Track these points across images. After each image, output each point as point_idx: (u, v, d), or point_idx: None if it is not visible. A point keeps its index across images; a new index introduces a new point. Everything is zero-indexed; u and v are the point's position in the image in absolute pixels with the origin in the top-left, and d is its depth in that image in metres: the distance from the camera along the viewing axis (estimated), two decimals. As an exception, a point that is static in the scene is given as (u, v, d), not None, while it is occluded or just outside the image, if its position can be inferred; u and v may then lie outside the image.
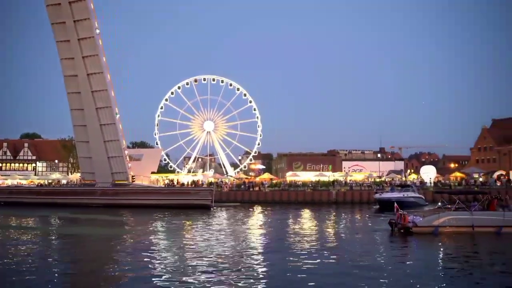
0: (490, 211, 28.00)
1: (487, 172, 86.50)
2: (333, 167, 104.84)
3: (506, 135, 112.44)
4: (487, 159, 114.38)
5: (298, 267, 18.02)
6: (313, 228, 32.76)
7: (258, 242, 25.84)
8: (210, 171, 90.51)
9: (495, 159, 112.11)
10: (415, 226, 27.04)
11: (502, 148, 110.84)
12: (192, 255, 20.90)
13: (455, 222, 27.17)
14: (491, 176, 78.38)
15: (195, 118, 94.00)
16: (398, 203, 47.76)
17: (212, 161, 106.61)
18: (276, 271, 17.34)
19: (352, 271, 17.19)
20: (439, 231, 26.63)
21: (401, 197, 49.82)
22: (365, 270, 17.51)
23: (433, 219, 27.33)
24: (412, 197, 51.88)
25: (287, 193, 63.99)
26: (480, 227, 26.82)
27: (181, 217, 41.54)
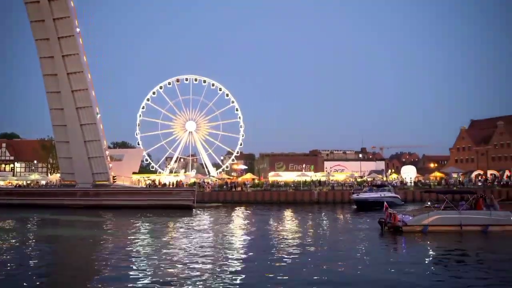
0: (477, 210, 28.55)
1: (465, 172, 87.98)
2: (315, 167, 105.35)
3: (484, 135, 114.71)
4: (466, 159, 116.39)
5: (279, 269, 18.02)
6: (298, 229, 32.78)
7: (240, 243, 25.78)
8: (192, 172, 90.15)
9: (473, 159, 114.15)
10: (405, 225, 27.35)
11: (480, 148, 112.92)
12: (174, 256, 20.78)
13: (444, 221, 27.62)
14: (469, 176, 79.70)
15: (177, 118, 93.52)
16: (375, 203, 48.49)
17: (194, 162, 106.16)
18: (258, 273, 17.31)
19: (349, 272, 17.39)
20: (428, 230, 27.03)
21: (378, 197, 50.32)
22: (360, 270, 17.70)
23: (423, 218, 27.72)
24: (388, 197, 51.93)
25: (269, 193, 64.10)
26: (468, 226, 27.36)
27: (163, 218, 41.24)
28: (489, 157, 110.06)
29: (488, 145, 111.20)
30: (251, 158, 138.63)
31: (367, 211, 45.48)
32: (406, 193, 63.91)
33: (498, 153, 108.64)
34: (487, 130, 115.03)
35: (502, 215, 28.23)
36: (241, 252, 22.19)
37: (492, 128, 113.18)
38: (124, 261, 19.67)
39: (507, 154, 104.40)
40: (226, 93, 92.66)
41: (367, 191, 54.70)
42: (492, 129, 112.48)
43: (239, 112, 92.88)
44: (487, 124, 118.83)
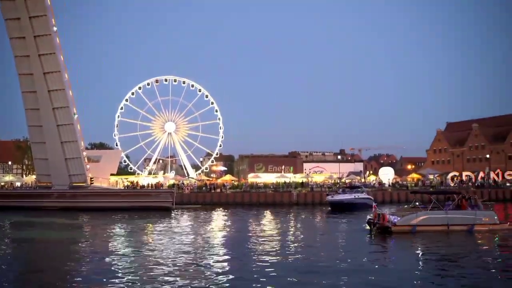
0: (462, 210, 29.17)
1: (442, 173, 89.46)
2: (294, 168, 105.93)
3: (459, 137, 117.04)
4: (442, 160, 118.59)
5: (259, 270, 18.01)
6: (279, 230, 32.79)
7: (219, 245, 25.70)
8: (171, 173, 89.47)
9: (449, 160, 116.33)
10: (394, 226, 27.60)
11: (456, 150, 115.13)
12: (152, 259, 20.57)
13: (431, 221, 28.09)
14: (445, 177, 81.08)
15: (156, 119, 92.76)
16: (350, 204, 48.85)
17: (173, 163, 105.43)
18: (238, 275, 17.25)
19: (343, 272, 17.40)
20: (417, 230, 27.39)
21: (352, 199, 50.65)
22: (353, 271, 17.80)
23: (411, 219, 28.04)
24: (362, 198, 52.39)
25: (249, 194, 64.09)
26: (454, 225, 27.97)
27: (141, 220, 40.84)
28: (464, 159, 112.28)
29: (463, 147, 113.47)
30: (231, 160, 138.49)
31: (342, 213, 45.45)
32: (384, 194, 64.68)
33: (472, 155, 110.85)
34: (462, 132, 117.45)
35: (486, 215, 29.17)
36: (221, 254, 22.11)
37: (467, 130, 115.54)
38: (101, 265, 19.38)
39: (481, 156, 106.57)
40: (205, 94, 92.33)
41: (341, 192, 54.52)
42: (467, 132, 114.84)
43: (219, 113, 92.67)
44: (462, 127, 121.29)
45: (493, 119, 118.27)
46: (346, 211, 46.39)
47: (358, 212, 46.22)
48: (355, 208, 48.58)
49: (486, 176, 77.69)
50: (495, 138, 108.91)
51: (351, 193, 52.90)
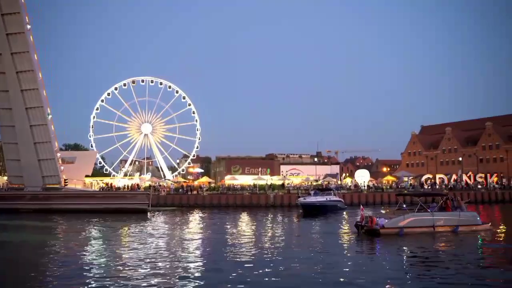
0: (447, 212, 29.79)
1: (416, 175, 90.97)
2: (271, 170, 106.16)
3: (433, 141, 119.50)
4: (416, 163, 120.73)
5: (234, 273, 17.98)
6: (255, 232, 32.76)
7: (196, 247, 25.54)
8: (147, 175, 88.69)
9: (423, 163, 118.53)
10: (382, 228, 27.81)
11: (429, 153, 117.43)
12: (127, 262, 20.30)
13: (418, 223, 28.47)
14: (420, 180, 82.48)
15: (132, 120, 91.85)
16: (322, 207, 48.72)
17: (150, 164, 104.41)
18: (215, 279, 17.20)
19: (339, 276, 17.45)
20: (404, 232, 27.72)
21: (324, 201, 50.23)
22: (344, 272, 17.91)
23: (399, 221, 28.36)
24: (333, 200, 52.14)
25: (226, 196, 63.97)
26: (440, 227, 28.55)
27: (116, 222, 40.30)
28: (438, 162, 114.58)
29: (437, 150, 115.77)
30: (208, 161, 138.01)
31: (314, 215, 45.05)
32: (360, 196, 65.36)
33: (446, 158, 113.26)
34: (436, 135, 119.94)
35: (470, 216, 29.99)
36: (196, 257, 21.98)
37: (440, 134, 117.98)
38: (75, 268, 18.98)
39: (454, 159, 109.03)
40: (182, 96, 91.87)
41: (312, 195, 53.77)
42: (441, 135, 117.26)
43: (196, 115, 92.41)
44: (436, 130, 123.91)
45: (466, 123, 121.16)
46: (318, 214, 46.09)
47: (329, 215, 46.37)
48: (327, 211, 48.49)
49: (458, 179, 79.31)
50: (467, 141, 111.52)
51: (322, 196, 52.33)
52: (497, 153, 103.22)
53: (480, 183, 77.36)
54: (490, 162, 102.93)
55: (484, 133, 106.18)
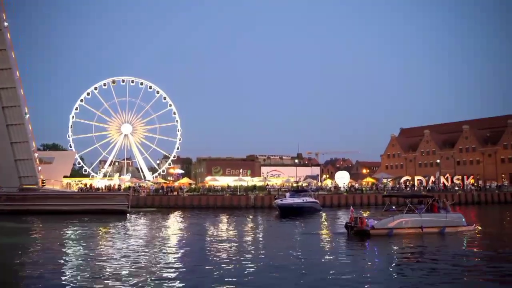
0: (434, 213, 30.41)
1: (395, 177, 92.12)
2: (252, 172, 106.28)
3: (412, 143, 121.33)
4: (395, 165, 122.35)
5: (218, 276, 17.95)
6: (238, 233, 32.73)
7: (176, 249, 25.42)
8: (127, 175, 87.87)
9: (402, 165, 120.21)
10: (372, 229, 28.16)
11: (408, 155, 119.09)
12: (105, 264, 20.09)
13: (407, 224, 29.00)
14: (399, 181, 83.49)
15: (112, 120, 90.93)
16: (299, 208, 48.57)
17: (130, 165, 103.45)
18: (195, 280, 17.16)
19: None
20: (393, 233, 28.18)
21: (301, 203, 49.92)
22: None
23: (388, 222, 28.80)
24: (310, 202, 51.99)
25: (206, 197, 63.75)
26: (428, 228, 29.06)
27: (95, 224, 39.86)
28: (416, 164, 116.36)
29: (415, 152, 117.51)
30: (188, 162, 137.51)
31: (291, 217, 44.67)
32: (340, 197, 65.83)
33: (424, 160, 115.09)
34: (415, 138, 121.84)
35: (455, 217, 30.74)
36: (176, 259, 21.86)
37: (419, 136, 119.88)
38: (52, 271, 18.62)
39: (432, 161, 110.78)
40: (163, 96, 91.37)
41: (289, 196, 52.81)
42: (419, 138, 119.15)
43: (177, 115, 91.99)
44: (415, 133, 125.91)
45: (443, 126, 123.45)
46: (295, 215, 45.79)
47: (306, 216, 46.32)
48: (303, 212, 48.37)
49: (436, 180, 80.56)
50: (445, 144, 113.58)
51: (299, 197, 51.87)
52: (473, 156, 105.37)
53: (457, 185, 78.70)
54: (467, 164, 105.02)
55: (461, 136, 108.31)
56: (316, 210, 52.02)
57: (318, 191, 70.66)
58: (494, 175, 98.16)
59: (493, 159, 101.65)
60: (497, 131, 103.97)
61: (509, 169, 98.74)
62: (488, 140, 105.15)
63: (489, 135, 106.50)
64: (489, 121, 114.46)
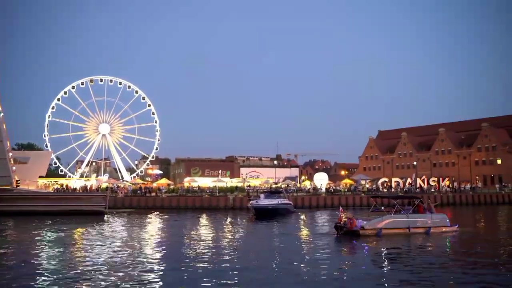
0: (421, 214, 31.19)
1: (373, 179, 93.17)
2: (231, 173, 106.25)
3: (389, 145, 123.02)
4: (373, 167, 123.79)
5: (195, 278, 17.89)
6: (216, 235, 32.65)
7: (153, 250, 25.20)
8: (104, 176, 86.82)
9: (380, 167, 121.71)
10: (362, 229, 28.62)
11: (386, 157, 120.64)
12: (80, 267, 19.72)
13: (395, 224, 29.61)
14: (376, 183, 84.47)
15: (89, 120, 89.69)
16: (274, 210, 48.29)
17: (107, 166, 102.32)
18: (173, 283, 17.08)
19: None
20: (382, 233, 28.69)
21: (276, 204, 49.53)
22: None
23: (377, 222, 29.33)
24: (284, 203, 51.66)
25: (184, 198, 63.42)
26: (414, 228, 29.83)
27: (71, 225, 39.23)
28: (393, 166, 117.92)
29: (393, 154, 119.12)
30: (167, 163, 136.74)
31: (266, 219, 44.08)
32: (318, 198, 66.19)
33: (401, 162, 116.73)
34: (392, 140, 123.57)
35: (440, 218, 31.60)
36: (153, 260, 21.68)
37: (397, 138, 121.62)
38: (24, 275, 18.13)
39: (409, 163, 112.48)
40: (142, 96, 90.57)
41: (263, 198, 51.69)
42: (397, 140, 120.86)
43: (156, 116, 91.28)
44: (392, 135, 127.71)
45: (420, 128, 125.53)
46: (270, 217, 45.34)
47: (280, 218, 46.13)
48: (278, 214, 48.15)
49: (413, 182, 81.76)
50: (421, 146, 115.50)
51: (274, 198, 51.31)
52: (449, 158, 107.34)
53: (433, 186, 80.00)
54: (442, 167, 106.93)
55: (437, 139, 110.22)
56: (289, 212, 51.69)
57: (297, 192, 71.00)
58: (468, 177, 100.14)
59: (468, 161, 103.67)
60: (471, 134, 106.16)
61: (482, 171, 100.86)
62: (463, 143, 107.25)
63: (464, 138, 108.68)
64: (464, 124, 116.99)
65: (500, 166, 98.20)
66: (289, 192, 65.51)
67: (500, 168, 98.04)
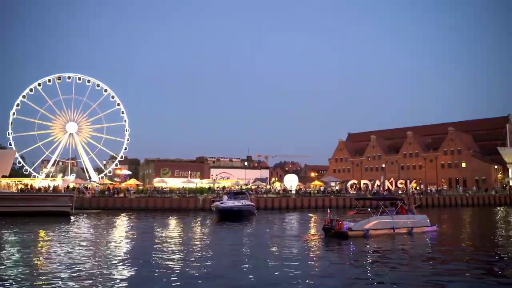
0: (404, 215, 32.13)
1: (342, 181, 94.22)
2: (201, 174, 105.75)
3: (358, 148, 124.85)
4: (343, 169, 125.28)
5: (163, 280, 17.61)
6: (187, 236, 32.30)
7: (121, 252, 24.67)
8: (71, 176, 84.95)
9: (349, 169, 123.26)
10: (350, 230, 28.97)
11: (355, 159, 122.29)
12: (43, 270, 19.11)
13: (381, 225, 30.38)
14: (346, 185, 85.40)
15: (56, 118, 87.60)
16: (239, 212, 47.42)
17: (74, 165, 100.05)
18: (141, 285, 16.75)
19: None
20: (369, 234, 29.31)
21: (241, 206, 48.31)
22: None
23: (365, 223, 29.87)
24: (248, 205, 50.45)
25: (154, 199, 62.64)
26: (398, 228, 30.68)
27: (35, 226, 38.12)
28: (363, 168, 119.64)
29: (362, 156, 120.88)
30: (136, 163, 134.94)
31: (230, 221, 43.10)
32: (288, 200, 66.42)
33: (370, 164, 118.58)
34: (362, 143, 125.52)
35: (421, 219, 32.86)
36: (120, 261, 21.22)
37: (366, 141, 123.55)
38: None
39: (378, 165, 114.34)
40: (111, 95, 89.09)
41: (227, 199, 50.09)
42: (366, 143, 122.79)
43: (125, 115, 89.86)
44: (362, 138, 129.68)
45: (389, 131, 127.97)
46: (234, 219, 44.24)
47: (244, 219, 45.49)
48: (242, 216, 47.00)
49: (381, 184, 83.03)
50: (390, 149, 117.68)
51: (237, 200, 50.02)
52: (416, 161, 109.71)
53: (401, 188, 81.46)
54: (410, 169, 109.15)
55: (405, 142, 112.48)
56: (251, 214, 50.92)
57: (267, 193, 71.14)
58: (434, 179, 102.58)
59: (434, 164, 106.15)
60: (438, 138, 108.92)
61: (448, 174, 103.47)
62: (430, 146, 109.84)
63: (430, 141, 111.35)
64: (431, 128, 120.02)
65: (465, 169, 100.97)
66: (259, 193, 65.38)
67: (465, 171, 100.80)
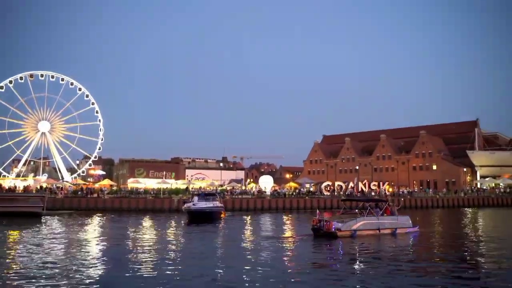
0: (388, 216, 32.96)
1: (317, 182, 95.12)
2: (176, 174, 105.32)
3: (333, 150, 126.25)
4: (317, 170, 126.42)
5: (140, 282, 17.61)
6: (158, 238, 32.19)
7: (93, 254, 24.46)
8: (43, 176, 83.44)
9: (324, 171, 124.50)
10: (339, 231, 29.50)
11: (330, 161, 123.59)
12: (11, 274, 18.72)
13: (367, 226, 31.09)
14: (320, 187, 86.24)
15: (28, 117, 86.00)
16: (210, 213, 46.23)
17: (46, 165, 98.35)
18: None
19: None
20: (357, 234, 29.99)
21: (212, 207, 47.56)
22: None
23: (352, 224, 30.45)
24: (218, 207, 49.34)
25: (128, 200, 62.12)
26: (383, 229, 31.52)
27: (3, 227, 37.38)
28: (337, 170, 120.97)
29: (336, 159, 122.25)
30: (110, 164, 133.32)
31: (201, 223, 42.18)
32: (263, 201, 66.70)
33: (344, 166, 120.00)
34: (336, 145, 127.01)
35: (404, 220, 33.68)
36: (92, 264, 21.04)
37: (340, 143, 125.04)
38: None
39: (352, 167, 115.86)
40: (86, 94, 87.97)
41: (197, 200, 48.92)
42: (340, 145, 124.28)
43: (99, 114, 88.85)
44: (336, 140, 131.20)
45: (363, 134, 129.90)
46: (204, 221, 43.48)
47: (214, 221, 44.94)
48: (212, 218, 46.25)
49: (355, 186, 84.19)
50: (363, 151, 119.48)
51: (208, 201, 48.97)
52: (389, 163, 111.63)
53: (374, 190, 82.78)
54: (383, 171, 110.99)
55: (378, 145, 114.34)
56: (220, 215, 49.75)
57: (242, 195, 71.36)
58: (406, 181, 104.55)
59: (406, 166, 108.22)
60: (410, 140, 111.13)
61: (419, 176, 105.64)
62: (402, 149, 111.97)
63: (403, 144, 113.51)
64: (403, 131, 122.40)
65: (435, 172, 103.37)
66: (234, 194, 65.38)
67: (435, 173, 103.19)
